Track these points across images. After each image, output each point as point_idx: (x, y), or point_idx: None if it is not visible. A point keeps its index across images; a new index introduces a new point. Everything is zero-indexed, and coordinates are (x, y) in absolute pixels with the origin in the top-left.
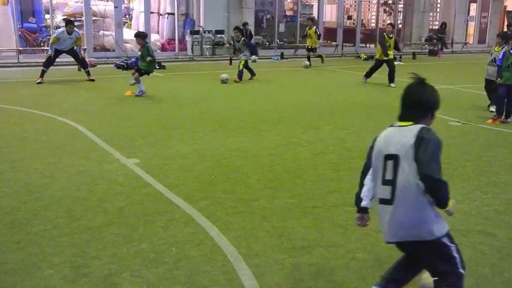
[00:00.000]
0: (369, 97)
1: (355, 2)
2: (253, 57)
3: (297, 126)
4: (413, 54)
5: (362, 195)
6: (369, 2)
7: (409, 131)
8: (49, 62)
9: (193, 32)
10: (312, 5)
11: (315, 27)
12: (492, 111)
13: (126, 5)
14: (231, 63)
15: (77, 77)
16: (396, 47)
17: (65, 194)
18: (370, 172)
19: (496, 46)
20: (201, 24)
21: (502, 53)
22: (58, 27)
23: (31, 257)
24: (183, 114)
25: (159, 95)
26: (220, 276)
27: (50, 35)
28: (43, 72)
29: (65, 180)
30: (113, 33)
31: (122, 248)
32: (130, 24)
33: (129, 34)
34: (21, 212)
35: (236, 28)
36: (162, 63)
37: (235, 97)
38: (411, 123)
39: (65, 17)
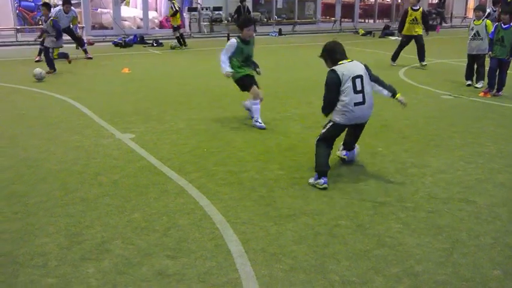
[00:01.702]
0: None
1: None
2: None
3: (291, 101)
4: None
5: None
6: None
7: (357, 62)
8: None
9: (191, 9)
10: None
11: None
12: (477, 87)
13: None
14: (228, 40)
15: (74, 55)
16: (425, 22)
17: (61, 167)
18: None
19: (475, 20)
20: (199, 1)
21: (494, 27)
22: (56, 5)
23: (28, 226)
24: (179, 90)
25: (155, 72)
26: (208, 243)
27: None
28: (41, 51)
29: (61, 154)
30: (111, 11)
31: (114, 217)
32: (129, 2)
33: (127, 12)
34: (19, 184)
35: (44, 4)
36: (160, 41)
37: None
38: (350, 59)
39: None
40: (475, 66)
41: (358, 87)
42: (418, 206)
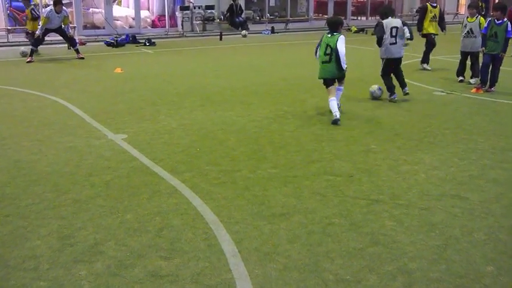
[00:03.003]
0: (356, 70)
1: None
2: (244, 32)
3: (284, 99)
4: None
5: None
6: None
7: (397, 19)
8: (38, 41)
9: (184, 8)
10: None
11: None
12: (471, 83)
13: None
14: (221, 39)
15: (66, 56)
16: (442, 19)
17: (53, 169)
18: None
19: (468, 17)
20: (191, 0)
21: (487, 22)
22: (47, 5)
23: (20, 229)
24: (172, 90)
25: (148, 72)
26: (201, 243)
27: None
28: (32, 51)
29: (53, 156)
30: (103, 11)
31: (107, 218)
32: (121, 2)
33: (119, 11)
34: (11, 187)
35: None
36: (152, 40)
37: (225, 72)
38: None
39: None
40: (469, 63)
41: (393, 33)
42: (411, 203)
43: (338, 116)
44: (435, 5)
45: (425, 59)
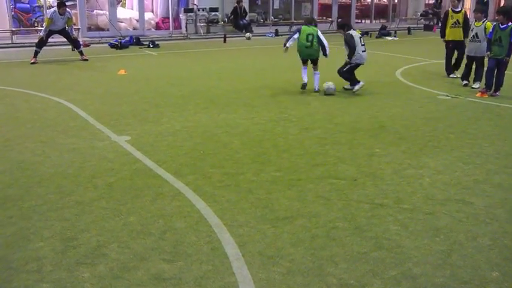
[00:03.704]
0: (362, 73)
1: None
2: (248, 34)
3: (288, 102)
4: (408, 29)
5: None
6: None
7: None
8: (42, 43)
9: (187, 10)
10: None
11: None
12: (474, 88)
13: None
14: (225, 41)
15: (70, 57)
16: (466, 25)
17: (56, 171)
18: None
19: (475, 21)
20: (195, 2)
21: (492, 27)
22: (51, 7)
23: (23, 230)
24: (176, 92)
25: (152, 74)
26: (205, 246)
27: (43, 15)
28: (36, 53)
29: (57, 158)
30: (107, 13)
31: (110, 221)
32: (125, 3)
33: (123, 13)
34: (14, 188)
35: None
36: (156, 42)
37: (228, 74)
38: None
39: None
40: (473, 67)
41: (362, 42)
42: (415, 208)
43: (305, 81)
44: (458, 10)
45: (447, 68)
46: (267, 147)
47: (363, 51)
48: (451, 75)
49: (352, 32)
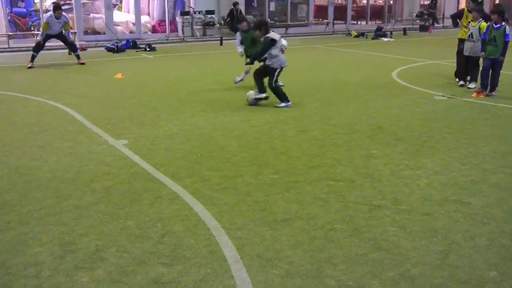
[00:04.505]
0: (358, 75)
1: None
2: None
3: None
4: (404, 30)
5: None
6: None
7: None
8: (38, 47)
9: (184, 13)
10: None
11: None
12: (470, 88)
13: None
14: (221, 44)
15: (67, 61)
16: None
17: (54, 175)
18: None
19: (472, 21)
20: (191, 5)
21: (485, 27)
22: (47, 11)
23: (21, 235)
24: (172, 95)
25: (148, 77)
26: (203, 249)
27: (39, 19)
28: (33, 57)
29: (54, 162)
30: (103, 16)
31: (108, 225)
32: (121, 7)
33: (119, 17)
34: (12, 193)
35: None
36: (153, 45)
37: (225, 77)
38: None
39: (55, 0)
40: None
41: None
42: (413, 209)
43: (238, 80)
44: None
45: (456, 72)
46: (265, 150)
47: (282, 54)
48: (464, 82)
49: (271, 34)
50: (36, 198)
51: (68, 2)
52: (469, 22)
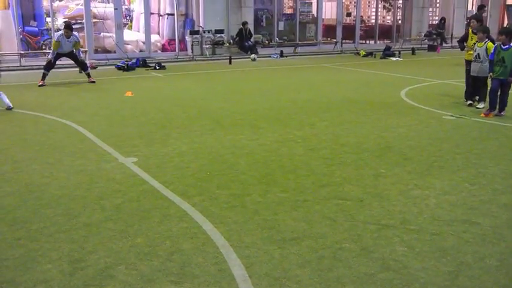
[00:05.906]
0: (366, 94)
1: None
2: (253, 56)
3: (293, 123)
4: (413, 49)
5: None
6: None
7: None
8: (50, 65)
9: (193, 32)
10: (311, 3)
11: None
12: (479, 108)
13: (126, 7)
14: (230, 62)
15: (78, 79)
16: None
17: (63, 193)
18: None
19: (478, 42)
20: (201, 24)
21: (493, 48)
22: (59, 29)
23: (31, 252)
24: (182, 113)
25: (158, 96)
26: (212, 267)
27: (51, 38)
28: (44, 75)
29: (64, 179)
30: (114, 35)
31: (118, 242)
32: (131, 26)
33: (129, 35)
34: (22, 210)
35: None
36: (162, 64)
37: (234, 96)
38: None
39: (66, 19)
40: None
41: None
42: (422, 229)
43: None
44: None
45: (466, 93)
46: (273, 168)
47: None
48: (472, 102)
49: None
50: (46, 215)
51: (79, 21)
52: (475, 43)
